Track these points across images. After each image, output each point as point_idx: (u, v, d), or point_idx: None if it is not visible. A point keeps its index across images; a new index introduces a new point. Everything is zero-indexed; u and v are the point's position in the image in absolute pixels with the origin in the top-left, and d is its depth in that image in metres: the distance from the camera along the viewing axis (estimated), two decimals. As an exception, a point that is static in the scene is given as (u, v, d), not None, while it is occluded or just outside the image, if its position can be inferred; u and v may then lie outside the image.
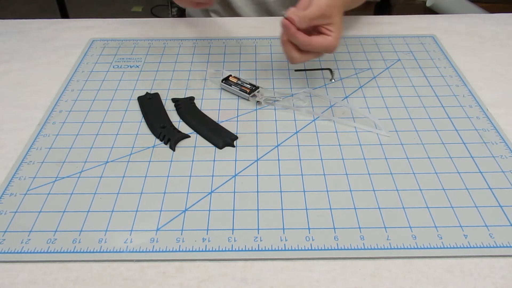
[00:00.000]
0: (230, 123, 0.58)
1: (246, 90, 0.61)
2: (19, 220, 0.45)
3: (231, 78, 0.63)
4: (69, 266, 0.41)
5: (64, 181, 0.50)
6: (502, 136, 0.55)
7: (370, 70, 0.68)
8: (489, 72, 0.67)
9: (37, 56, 0.72)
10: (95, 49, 0.73)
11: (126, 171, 0.51)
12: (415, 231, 0.44)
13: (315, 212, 0.46)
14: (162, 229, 0.44)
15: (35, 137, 0.55)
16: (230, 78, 0.63)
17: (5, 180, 0.50)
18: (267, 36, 0.76)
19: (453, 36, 0.76)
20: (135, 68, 0.68)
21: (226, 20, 0.83)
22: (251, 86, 0.61)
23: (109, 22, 0.81)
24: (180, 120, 0.58)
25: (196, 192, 0.48)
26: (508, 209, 0.46)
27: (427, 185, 0.49)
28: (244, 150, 0.54)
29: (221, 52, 0.72)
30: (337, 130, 0.56)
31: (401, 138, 0.55)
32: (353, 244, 0.43)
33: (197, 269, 0.41)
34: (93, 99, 0.62)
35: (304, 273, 0.41)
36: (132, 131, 0.56)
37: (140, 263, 0.42)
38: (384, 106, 0.60)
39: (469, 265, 0.41)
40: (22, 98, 0.63)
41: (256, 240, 0.43)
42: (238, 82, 0.62)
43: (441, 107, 0.60)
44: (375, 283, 0.40)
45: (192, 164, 0.52)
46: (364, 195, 0.48)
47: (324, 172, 0.50)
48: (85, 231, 0.44)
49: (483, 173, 0.50)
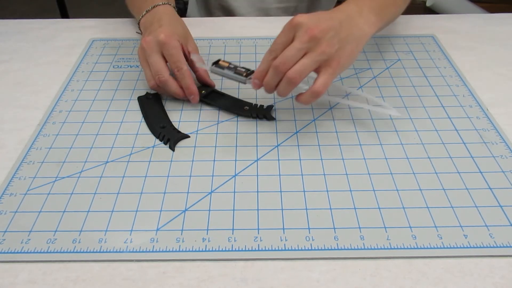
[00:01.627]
0: (230, 123, 0.58)
1: (242, 73, 0.56)
2: (19, 220, 0.45)
3: (221, 62, 0.58)
4: (69, 266, 0.41)
5: (64, 181, 0.50)
6: (502, 136, 0.55)
7: (370, 70, 0.68)
8: (489, 72, 0.67)
9: (37, 56, 0.72)
10: (95, 49, 0.73)
11: (126, 171, 0.51)
12: (415, 231, 0.44)
13: (315, 212, 0.46)
14: (162, 229, 0.44)
15: (35, 137, 0.55)
16: (221, 62, 0.58)
17: (5, 180, 0.50)
18: (267, 36, 0.76)
19: (453, 36, 0.76)
20: (135, 68, 0.68)
21: (226, 20, 0.83)
22: (245, 69, 0.57)
23: (109, 22, 0.81)
24: (180, 120, 0.58)
25: (196, 192, 0.48)
26: (508, 209, 0.46)
27: (427, 185, 0.49)
28: (244, 150, 0.54)
29: (221, 52, 0.72)
30: (337, 130, 0.56)
31: (401, 138, 0.55)
32: (353, 244, 0.43)
33: (197, 269, 0.41)
34: (93, 99, 0.62)
35: (304, 273, 0.41)
36: (132, 131, 0.56)
37: (140, 263, 0.42)
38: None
39: (469, 265, 0.41)
40: (22, 98, 0.63)
41: (256, 240, 0.43)
42: (230, 66, 0.57)
43: (441, 107, 0.60)
44: (375, 283, 0.40)
45: (192, 164, 0.52)
46: (364, 195, 0.48)
47: (324, 172, 0.50)
48: (85, 231, 0.44)
49: (483, 173, 0.50)
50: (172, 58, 0.58)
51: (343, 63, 0.50)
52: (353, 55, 0.52)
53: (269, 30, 0.78)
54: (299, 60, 0.49)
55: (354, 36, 0.51)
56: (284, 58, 0.49)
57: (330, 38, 0.49)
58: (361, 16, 0.54)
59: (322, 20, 0.49)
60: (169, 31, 0.58)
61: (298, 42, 0.49)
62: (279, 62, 0.49)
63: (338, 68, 0.50)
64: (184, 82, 0.58)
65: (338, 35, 0.50)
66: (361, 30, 0.53)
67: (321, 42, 0.48)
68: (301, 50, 0.49)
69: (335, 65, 0.50)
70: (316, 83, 0.50)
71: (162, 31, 0.58)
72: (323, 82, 0.50)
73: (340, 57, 0.50)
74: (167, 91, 0.60)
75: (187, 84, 0.58)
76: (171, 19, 0.63)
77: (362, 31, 0.53)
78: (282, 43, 0.50)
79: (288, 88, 0.51)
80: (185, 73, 0.58)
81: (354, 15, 0.53)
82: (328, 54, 0.49)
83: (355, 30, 0.52)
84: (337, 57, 0.50)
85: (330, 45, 0.49)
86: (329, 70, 0.50)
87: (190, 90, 0.59)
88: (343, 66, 0.51)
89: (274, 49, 0.51)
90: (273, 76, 0.50)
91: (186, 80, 0.58)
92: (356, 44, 0.52)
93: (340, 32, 0.50)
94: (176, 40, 0.58)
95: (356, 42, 0.52)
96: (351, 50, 0.51)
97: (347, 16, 0.52)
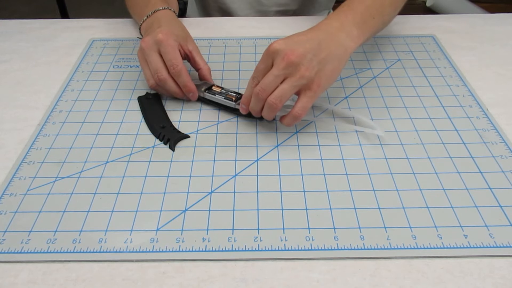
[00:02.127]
0: (230, 123, 0.58)
1: (232, 98, 0.58)
2: (19, 220, 0.45)
3: (214, 87, 0.61)
4: (69, 266, 0.41)
5: (64, 181, 0.50)
6: (502, 136, 0.55)
7: (370, 70, 0.68)
8: (489, 72, 0.67)
9: (37, 56, 0.72)
10: (95, 49, 0.73)
11: (126, 171, 0.51)
12: (415, 231, 0.44)
13: (315, 212, 0.46)
14: (162, 229, 0.44)
15: (35, 137, 0.55)
16: (214, 88, 0.60)
17: (5, 180, 0.50)
18: (267, 36, 0.76)
19: (453, 36, 0.76)
20: (135, 68, 0.68)
21: (226, 20, 0.83)
22: (236, 93, 0.59)
23: (109, 22, 0.81)
24: (180, 120, 0.58)
25: (196, 192, 0.48)
26: (508, 209, 0.46)
27: (427, 185, 0.49)
28: (244, 150, 0.54)
29: (221, 52, 0.72)
30: (337, 130, 0.56)
31: (401, 138, 0.55)
32: (353, 244, 0.43)
33: (197, 269, 0.41)
34: (93, 99, 0.62)
35: (304, 273, 0.41)
36: (132, 131, 0.56)
37: (140, 263, 0.42)
38: (384, 106, 0.60)
39: (469, 265, 0.41)
40: (22, 98, 0.63)
41: (256, 240, 0.43)
42: (222, 91, 0.60)
43: (441, 107, 0.60)
44: (375, 283, 0.40)
45: (192, 164, 0.52)
46: (364, 195, 0.48)
47: (324, 172, 0.50)
48: (85, 231, 0.44)
49: (483, 173, 0.50)
50: (167, 56, 0.58)
51: (324, 83, 0.51)
52: (334, 74, 0.52)
53: (268, 30, 0.78)
54: (279, 85, 0.50)
55: (334, 55, 0.51)
56: (264, 85, 0.51)
57: (308, 61, 0.50)
58: (343, 31, 0.53)
59: (299, 44, 0.50)
60: (167, 31, 0.58)
61: (276, 69, 0.50)
62: (259, 89, 0.51)
63: (319, 90, 0.51)
64: (181, 80, 0.59)
65: (317, 57, 0.50)
66: (342, 46, 0.52)
67: (299, 67, 0.49)
68: (278, 77, 0.50)
69: (315, 87, 0.50)
70: (295, 107, 0.51)
71: (160, 31, 0.58)
72: (302, 105, 0.51)
73: (320, 78, 0.50)
74: (166, 90, 0.60)
75: (183, 82, 0.59)
76: (170, 21, 0.63)
77: (343, 48, 0.53)
78: (262, 70, 0.52)
79: (271, 112, 0.52)
80: (180, 71, 0.58)
81: (334, 32, 0.53)
82: (307, 77, 0.50)
83: (336, 48, 0.52)
84: (317, 79, 0.50)
85: (309, 68, 0.50)
86: (309, 93, 0.51)
87: (187, 88, 0.59)
88: (324, 87, 0.51)
89: (255, 76, 0.53)
90: (255, 102, 0.53)
91: (183, 78, 0.58)
92: (337, 62, 0.52)
93: (319, 54, 0.50)
94: (173, 39, 0.58)
95: (338, 60, 0.52)
96: (332, 69, 0.51)
97: (327, 34, 0.52)
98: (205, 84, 0.62)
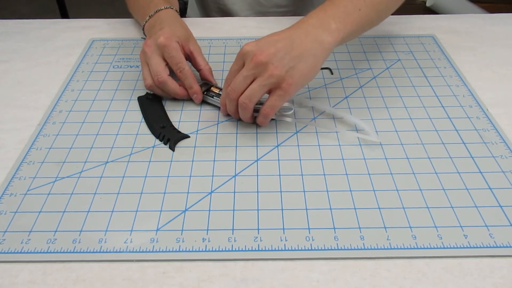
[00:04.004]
0: (230, 123, 0.58)
1: None
2: (19, 220, 0.45)
3: (213, 88, 0.62)
4: (69, 266, 0.41)
5: (64, 181, 0.50)
6: (502, 136, 0.55)
7: (370, 70, 0.68)
8: (489, 72, 0.67)
9: (37, 56, 0.72)
10: (95, 49, 0.73)
11: (126, 171, 0.51)
12: (415, 231, 0.44)
13: (315, 212, 0.46)
14: (162, 229, 0.44)
15: (35, 137, 0.55)
16: (212, 89, 0.61)
17: (5, 180, 0.50)
18: (267, 36, 0.76)
19: (453, 36, 0.76)
20: (135, 68, 0.68)
21: (226, 20, 0.83)
22: None
23: (109, 22, 0.81)
24: (180, 120, 0.58)
25: (196, 192, 0.48)
26: (508, 209, 0.46)
27: (427, 185, 0.49)
28: (244, 150, 0.54)
29: (221, 52, 0.72)
30: (337, 130, 0.56)
31: (401, 138, 0.55)
32: (353, 244, 0.43)
33: (197, 269, 0.41)
34: (93, 99, 0.62)
35: (304, 273, 0.41)
36: (132, 131, 0.56)
37: (140, 263, 0.42)
38: (384, 106, 0.60)
39: (469, 265, 0.41)
40: (22, 98, 0.63)
41: (256, 240, 0.43)
42: (220, 92, 0.60)
43: (441, 107, 0.60)
44: (375, 283, 0.40)
45: (192, 164, 0.52)
46: (364, 195, 0.48)
47: (324, 172, 0.50)
48: (85, 231, 0.44)
49: (483, 173, 0.50)
50: (173, 60, 0.58)
51: (297, 82, 0.51)
52: (310, 71, 0.52)
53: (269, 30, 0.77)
54: (249, 86, 0.51)
55: (309, 52, 0.51)
56: (234, 85, 0.52)
57: (279, 60, 0.50)
58: (320, 27, 0.53)
59: (270, 44, 0.51)
60: (168, 33, 0.59)
61: (245, 69, 0.51)
62: (230, 90, 0.52)
63: (291, 88, 0.51)
64: (188, 82, 0.59)
65: (289, 55, 0.50)
66: (318, 42, 0.52)
67: (268, 66, 0.50)
68: (247, 77, 0.51)
69: (285, 86, 0.50)
70: (264, 105, 0.53)
71: (162, 33, 0.58)
72: (270, 104, 0.52)
73: (292, 77, 0.50)
74: (166, 91, 0.60)
75: (190, 84, 0.59)
76: (172, 21, 0.63)
77: (319, 43, 0.52)
78: (234, 71, 0.53)
79: (244, 112, 0.53)
80: (187, 73, 0.59)
81: (310, 29, 0.52)
82: (276, 76, 0.50)
83: (312, 45, 0.51)
84: (289, 77, 0.50)
85: (278, 67, 0.50)
86: (279, 92, 0.51)
87: (193, 90, 0.60)
88: (297, 85, 0.51)
89: (229, 77, 0.54)
90: (229, 102, 0.54)
91: (189, 80, 0.59)
92: (313, 59, 0.51)
93: (291, 51, 0.50)
94: (175, 42, 0.59)
95: (313, 57, 0.51)
96: (306, 67, 0.51)
97: (302, 31, 0.52)
98: (205, 84, 0.62)
